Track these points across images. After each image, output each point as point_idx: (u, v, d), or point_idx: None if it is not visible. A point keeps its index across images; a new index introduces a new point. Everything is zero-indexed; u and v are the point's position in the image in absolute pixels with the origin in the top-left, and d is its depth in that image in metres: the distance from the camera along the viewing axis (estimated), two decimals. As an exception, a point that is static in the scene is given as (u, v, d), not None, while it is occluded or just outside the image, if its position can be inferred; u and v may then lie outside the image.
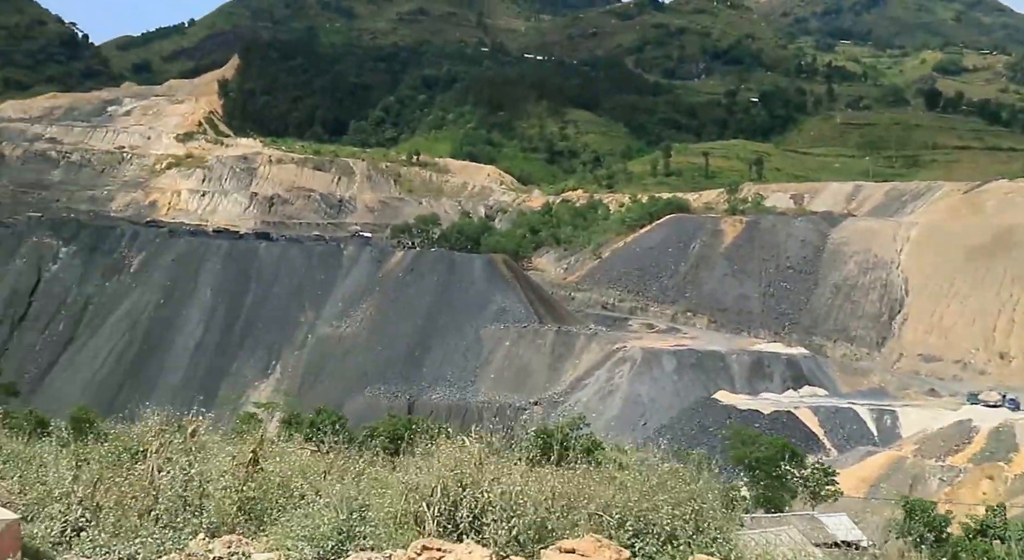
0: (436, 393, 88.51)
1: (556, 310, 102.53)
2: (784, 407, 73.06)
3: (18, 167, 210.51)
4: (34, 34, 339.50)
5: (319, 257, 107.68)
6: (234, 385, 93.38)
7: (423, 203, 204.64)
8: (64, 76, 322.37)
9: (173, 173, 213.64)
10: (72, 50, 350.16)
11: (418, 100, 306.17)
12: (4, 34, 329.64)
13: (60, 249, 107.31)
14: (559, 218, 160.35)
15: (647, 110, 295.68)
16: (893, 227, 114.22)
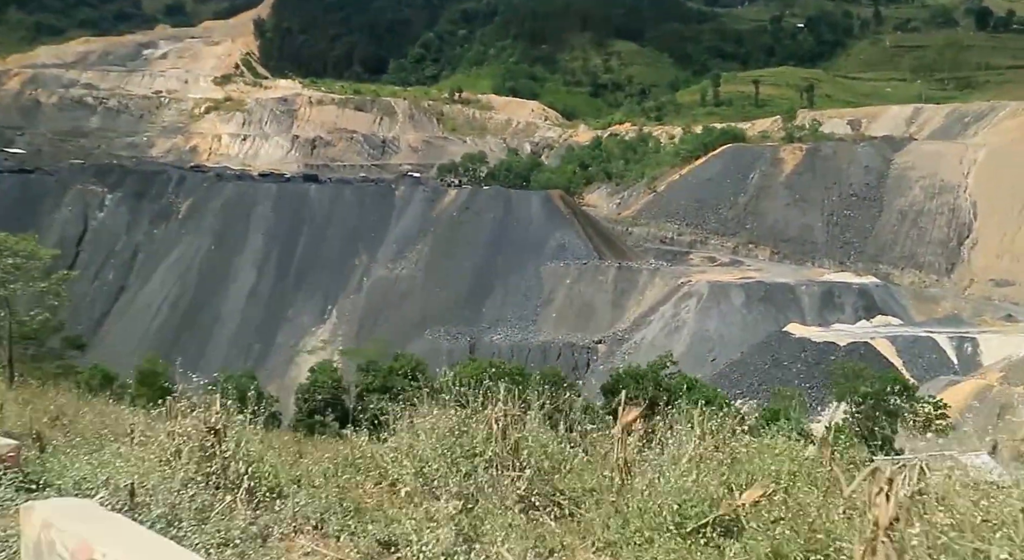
0: (497, 334, 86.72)
1: (616, 246, 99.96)
2: (859, 338, 70.35)
3: (55, 114, 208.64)
4: None
5: (371, 198, 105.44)
6: (291, 331, 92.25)
7: (467, 142, 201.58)
8: (97, 19, 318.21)
9: (212, 117, 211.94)
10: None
11: (458, 35, 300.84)
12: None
13: (106, 196, 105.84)
14: (609, 152, 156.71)
15: (692, 39, 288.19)
16: (959, 150, 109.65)
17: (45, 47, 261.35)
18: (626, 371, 40.27)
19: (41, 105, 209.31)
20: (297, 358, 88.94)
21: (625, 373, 40.04)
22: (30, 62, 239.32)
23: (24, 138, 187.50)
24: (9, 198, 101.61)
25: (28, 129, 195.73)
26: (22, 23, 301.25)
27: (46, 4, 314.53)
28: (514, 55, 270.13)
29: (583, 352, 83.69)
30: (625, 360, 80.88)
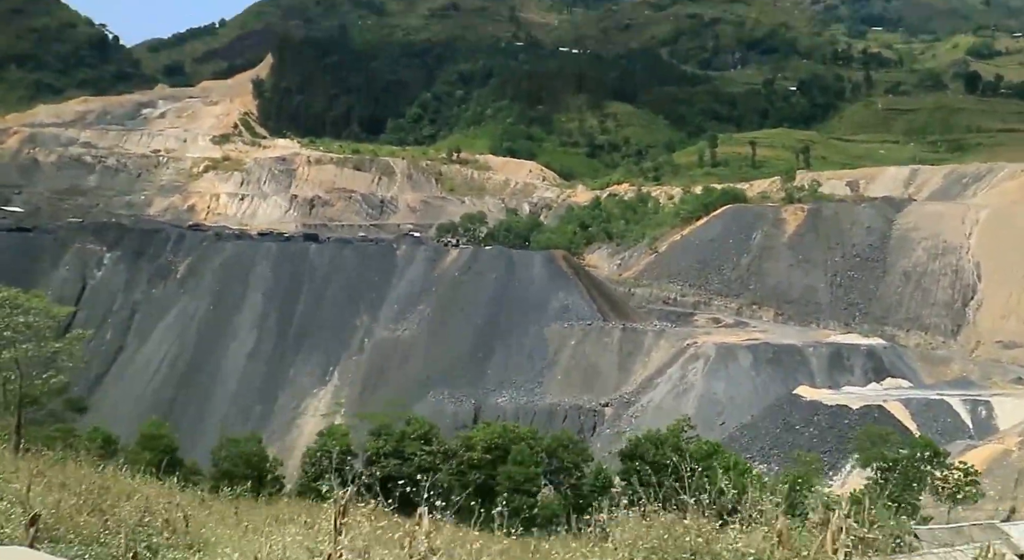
0: (502, 396, 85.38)
1: (620, 307, 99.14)
2: (872, 401, 69.16)
3: (53, 173, 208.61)
4: (64, 37, 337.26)
5: (372, 258, 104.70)
6: (292, 393, 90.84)
7: (466, 202, 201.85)
8: (96, 79, 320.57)
9: (211, 176, 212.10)
10: (103, 53, 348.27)
11: (455, 96, 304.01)
12: (34, 37, 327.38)
13: (104, 255, 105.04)
14: (608, 213, 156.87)
15: (686, 101, 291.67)
16: (961, 210, 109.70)
17: (44, 106, 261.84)
18: (645, 436, 39.16)
19: (39, 164, 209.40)
20: (298, 420, 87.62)
21: (645, 438, 38.92)
22: (29, 121, 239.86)
23: (22, 197, 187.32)
24: (7, 256, 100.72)
25: (26, 188, 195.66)
26: (21, 82, 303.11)
27: (46, 63, 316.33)
28: (511, 116, 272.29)
29: (590, 415, 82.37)
30: (632, 423, 79.61)
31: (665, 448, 37.63)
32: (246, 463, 40.71)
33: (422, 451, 39.88)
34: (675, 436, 39.01)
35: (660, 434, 39.13)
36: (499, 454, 39.70)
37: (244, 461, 40.83)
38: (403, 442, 40.72)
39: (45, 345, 30.64)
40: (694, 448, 38.86)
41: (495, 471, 39.09)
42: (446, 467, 39.55)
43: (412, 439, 40.98)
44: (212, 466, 41.59)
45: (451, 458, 39.87)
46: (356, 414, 45.66)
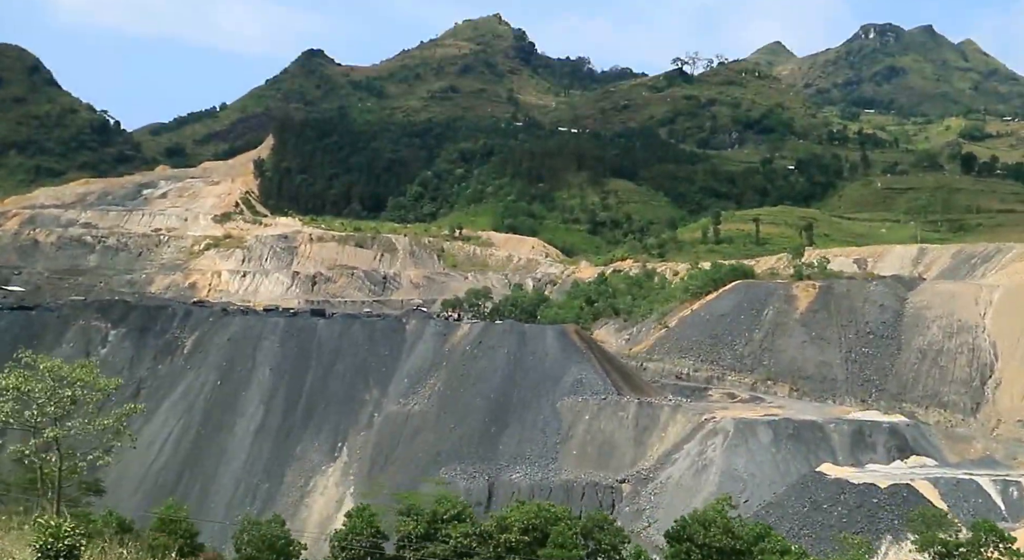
0: (516, 472, 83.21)
1: (633, 381, 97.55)
2: (900, 480, 67.40)
3: (53, 253, 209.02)
4: (66, 122, 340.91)
5: (380, 332, 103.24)
6: (300, 470, 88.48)
7: (469, 278, 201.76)
8: (97, 162, 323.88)
9: (212, 254, 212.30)
10: (104, 136, 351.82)
11: (455, 174, 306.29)
12: (36, 123, 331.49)
13: (109, 332, 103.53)
14: (614, 288, 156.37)
15: (686, 179, 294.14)
16: (974, 290, 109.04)
17: (44, 189, 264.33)
18: (692, 516, 37.41)
19: (39, 244, 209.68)
20: (307, 499, 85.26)
21: (692, 518, 37.19)
22: (29, 203, 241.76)
23: (21, 277, 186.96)
24: (9, 335, 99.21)
25: (25, 268, 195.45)
26: (22, 167, 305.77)
27: (46, 148, 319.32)
28: (512, 193, 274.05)
29: (607, 492, 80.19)
30: (652, 500, 77.54)
31: (714, 529, 35.98)
32: (270, 548, 38.90)
33: (458, 533, 38.15)
34: (723, 517, 37.33)
35: (707, 514, 37.41)
36: (536, 536, 38.08)
37: (268, 545, 39.06)
38: (436, 523, 38.99)
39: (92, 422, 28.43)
40: (745, 530, 37.26)
41: (534, 555, 37.43)
42: (483, 551, 37.78)
43: (445, 520, 39.27)
44: (236, 551, 39.77)
45: (487, 540, 38.10)
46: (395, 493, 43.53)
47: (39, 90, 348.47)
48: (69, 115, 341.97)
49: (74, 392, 27.73)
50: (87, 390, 28.24)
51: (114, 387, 29.59)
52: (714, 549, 35.33)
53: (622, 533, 42.39)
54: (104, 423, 28.45)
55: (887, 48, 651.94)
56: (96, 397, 28.72)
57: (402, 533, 38.66)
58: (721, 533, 35.70)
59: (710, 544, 35.38)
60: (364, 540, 38.03)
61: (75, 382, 27.91)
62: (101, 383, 29.14)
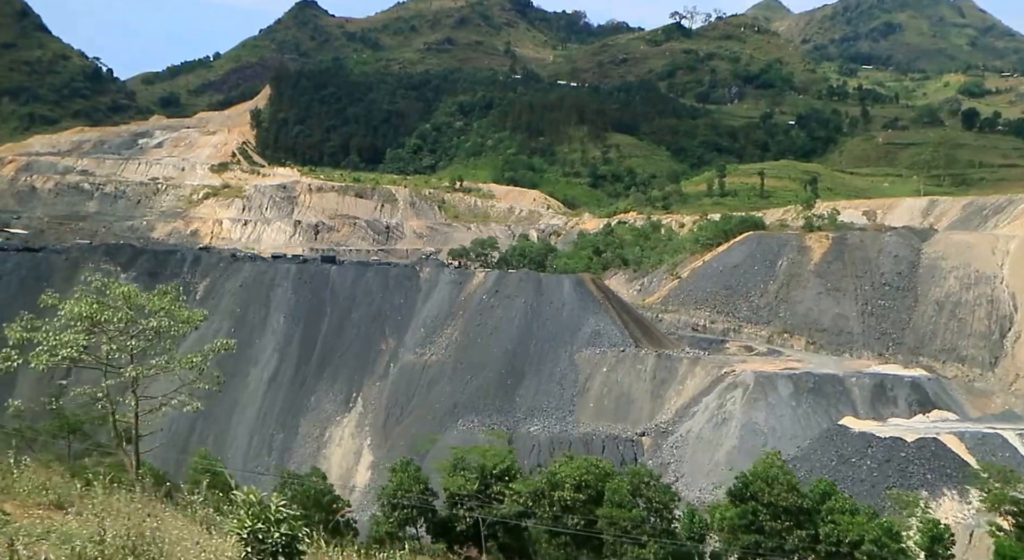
0: (534, 425, 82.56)
1: (651, 333, 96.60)
2: (923, 434, 66.66)
3: (51, 200, 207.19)
4: (58, 69, 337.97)
5: (395, 280, 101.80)
6: (315, 421, 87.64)
7: (471, 229, 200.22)
8: (90, 110, 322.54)
9: (211, 202, 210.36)
10: (97, 85, 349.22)
11: (454, 127, 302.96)
12: (27, 69, 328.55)
13: (119, 276, 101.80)
14: (621, 239, 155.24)
15: (687, 133, 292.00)
16: (990, 240, 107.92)
17: (39, 136, 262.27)
18: (754, 473, 36.03)
19: (37, 191, 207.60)
20: (324, 450, 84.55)
21: (754, 475, 35.85)
22: (24, 150, 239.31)
23: (21, 221, 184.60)
24: (17, 277, 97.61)
25: (24, 214, 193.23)
26: (15, 114, 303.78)
27: (40, 95, 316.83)
28: (512, 146, 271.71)
29: (627, 445, 79.58)
30: (674, 454, 76.88)
31: (777, 487, 34.73)
32: (316, 504, 36.97)
33: (510, 490, 36.72)
34: (784, 473, 36.00)
35: (769, 471, 36.02)
36: (590, 493, 36.63)
37: (314, 502, 37.15)
38: (485, 478, 37.58)
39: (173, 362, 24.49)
40: (811, 488, 36.16)
41: (591, 514, 35.94)
42: (539, 510, 36.34)
43: (492, 476, 37.81)
44: None
45: (540, 499, 36.69)
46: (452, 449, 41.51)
47: (29, 35, 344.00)
48: (61, 61, 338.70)
49: (159, 323, 23.78)
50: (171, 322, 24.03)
51: (201, 319, 25.38)
52: (780, 509, 34.25)
53: (671, 491, 41.01)
54: (193, 360, 24.75)
55: (883, 4, 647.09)
56: (182, 330, 24.64)
57: (451, 490, 37.15)
58: (786, 491, 34.60)
59: (775, 503, 34.30)
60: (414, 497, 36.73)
61: (157, 311, 23.84)
62: (186, 314, 25.08)
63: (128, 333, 23.74)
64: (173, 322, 24.27)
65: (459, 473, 37.38)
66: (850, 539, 32.93)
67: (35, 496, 14.18)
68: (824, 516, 34.31)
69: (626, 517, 34.97)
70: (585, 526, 35.32)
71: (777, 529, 34.23)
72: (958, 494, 56.30)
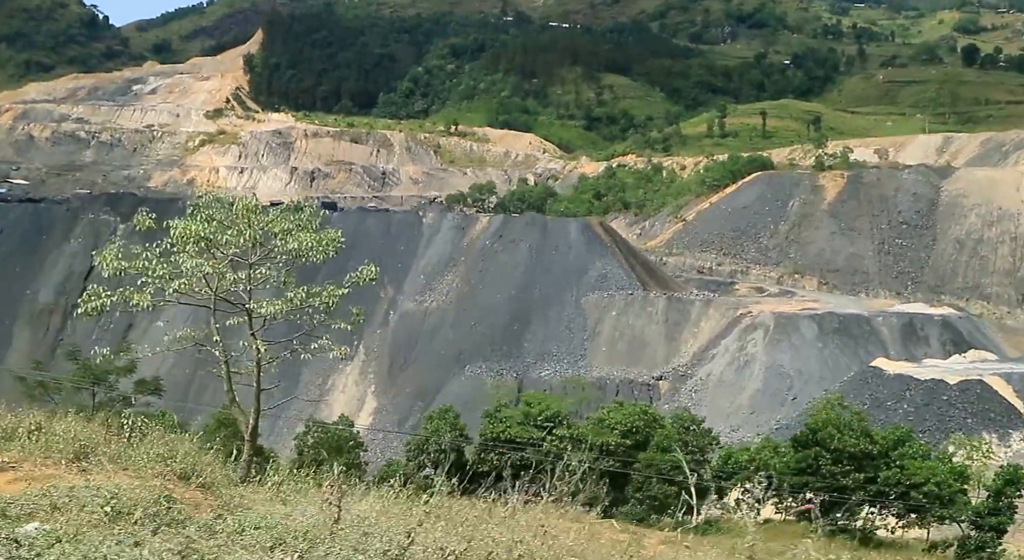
0: (545, 369, 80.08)
1: (658, 276, 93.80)
2: (966, 375, 63.40)
3: (48, 149, 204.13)
4: (55, 16, 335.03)
5: (397, 226, 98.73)
6: (316, 369, 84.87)
7: (467, 173, 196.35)
8: (85, 57, 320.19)
9: (207, 150, 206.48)
10: (92, 31, 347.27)
11: (446, 70, 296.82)
12: (25, 16, 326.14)
13: (118, 226, 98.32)
14: (622, 182, 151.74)
15: (681, 74, 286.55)
16: (1014, 176, 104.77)
17: (35, 84, 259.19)
18: (825, 420, 33.33)
19: (34, 140, 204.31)
20: (327, 397, 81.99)
21: (825, 422, 33.12)
22: (20, 98, 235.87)
23: (20, 172, 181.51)
24: (19, 228, 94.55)
25: (23, 164, 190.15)
26: (11, 61, 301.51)
27: (35, 42, 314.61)
28: (505, 89, 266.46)
29: (643, 389, 77.14)
30: (693, 398, 74.44)
31: (848, 434, 32.10)
32: (338, 450, 35.07)
33: (552, 436, 34.14)
34: (860, 420, 33.45)
35: (840, 416, 33.47)
36: (638, 439, 34.51)
37: (336, 448, 35.31)
38: (525, 426, 34.93)
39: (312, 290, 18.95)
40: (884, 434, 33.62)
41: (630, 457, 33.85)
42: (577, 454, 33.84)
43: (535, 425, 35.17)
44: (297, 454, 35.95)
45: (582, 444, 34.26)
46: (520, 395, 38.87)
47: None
48: (59, 8, 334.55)
49: (299, 245, 17.82)
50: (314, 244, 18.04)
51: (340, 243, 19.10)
52: (846, 454, 31.60)
53: (711, 434, 38.96)
54: (338, 292, 19.06)
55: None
56: (324, 254, 18.76)
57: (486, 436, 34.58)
58: (858, 437, 31.94)
59: (842, 449, 31.63)
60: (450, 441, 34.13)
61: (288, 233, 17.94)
62: (330, 233, 19.07)
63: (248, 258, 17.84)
64: (317, 244, 18.09)
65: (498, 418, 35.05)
66: (912, 481, 30.68)
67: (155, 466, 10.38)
68: (894, 461, 31.84)
69: (666, 460, 33.10)
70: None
71: (834, 472, 31.82)
72: (998, 438, 53.69)
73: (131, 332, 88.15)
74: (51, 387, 36.19)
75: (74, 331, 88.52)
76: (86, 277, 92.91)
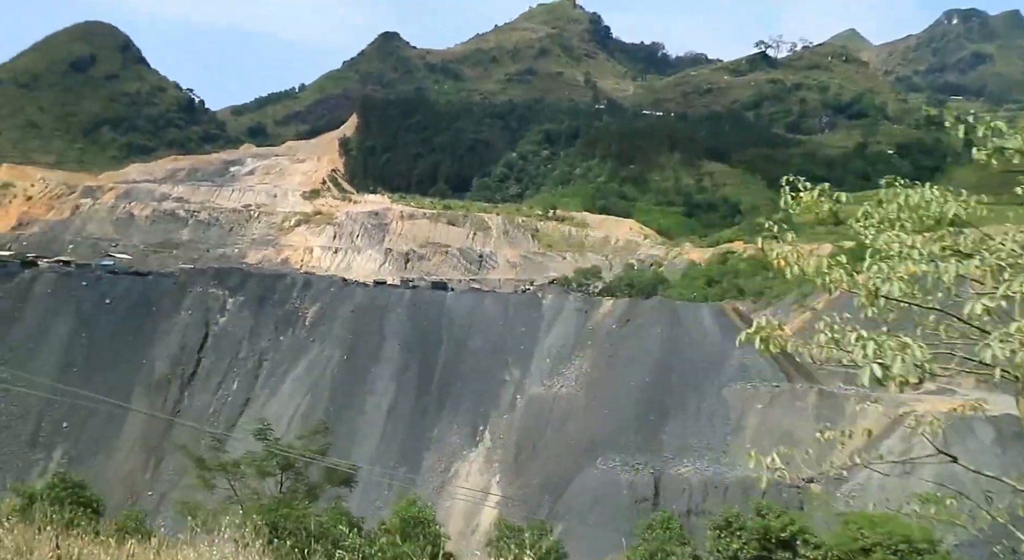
0: (684, 465, 73.92)
1: (803, 367, 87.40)
2: None
3: (147, 227, 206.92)
4: (155, 100, 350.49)
5: (515, 307, 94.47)
6: (439, 454, 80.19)
7: (566, 258, 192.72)
8: (184, 140, 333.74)
9: (302, 230, 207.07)
10: (190, 115, 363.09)
11: (541, 155, 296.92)
12: (127, 101, 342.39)
13: (227, 300, 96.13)
14: (735, 269, 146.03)
15: (782, 162, 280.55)
16: None
17: (136, 165, 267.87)
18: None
19: (134, 218, 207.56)
20: (449, 486, 76.89)
21: None
22: (122, 178, 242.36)
23: (118, 248, 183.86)
24: (128, 300, 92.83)
25: (121, 241, 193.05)
26: (114, 143, 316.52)
27: (136, 125, 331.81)
28: (602, 175, 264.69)
29: (791, 492, 70.37)
30: (850, 505, 67.48)
31: None
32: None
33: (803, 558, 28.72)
34: None
35: None
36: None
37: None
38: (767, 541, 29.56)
39: None
40: None
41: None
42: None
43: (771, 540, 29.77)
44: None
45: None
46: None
47: (129, 68, 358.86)
48: (158, 93, 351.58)
49: None
50: None
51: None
52: None
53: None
54: None
55: (971, 35, 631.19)
56: None
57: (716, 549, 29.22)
58: None
59: None
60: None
61: None
62: None
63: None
64: None
65: (732, 533, 29.57)
66: None
67: None
68: None
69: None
70: None
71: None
72: None
73: (249, 407, 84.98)
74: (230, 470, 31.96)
75: (191, 404, 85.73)
76: (200, 349, 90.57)
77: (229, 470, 31.17)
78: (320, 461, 34.58)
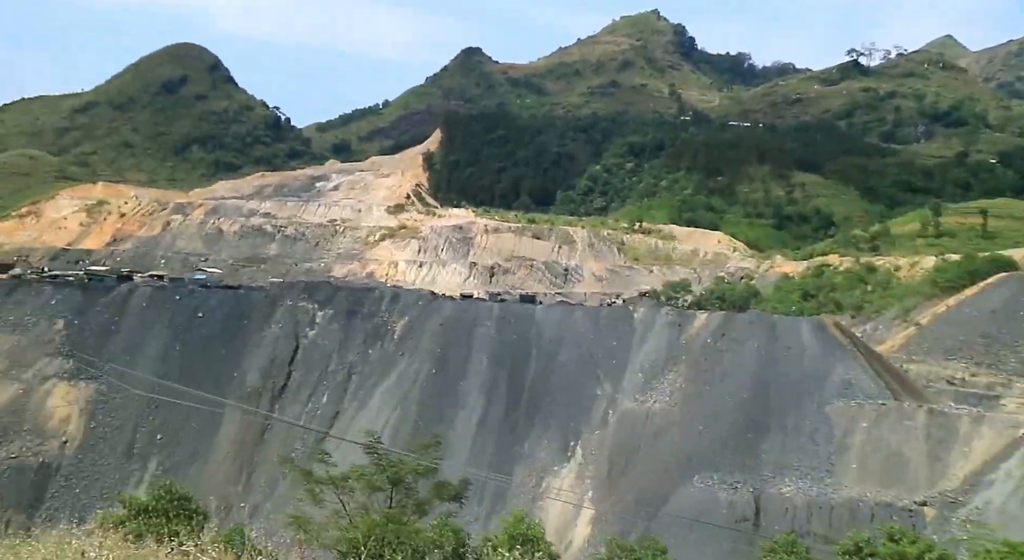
0: (786, 485, 70.69)
1: (909, 385, 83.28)
2: None
3: (235, 242, 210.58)
4: (242, 119, 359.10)
5: (606, 321, 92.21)
6: (530, 469, 78.37)
7: (653, 271, 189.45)
8: (270, 157, 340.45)
9: (387, 244, 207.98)
10: (276, 132, 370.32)
11: (626, 168, 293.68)
12: (214, 120, 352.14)
13: (316, 313, 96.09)
14: (831, 282, 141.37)
15: (877, 172, 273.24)
16: None
17: (224, 182, 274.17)
18: None
19: (223, 233, 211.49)
20: (540, 501, 75.02)
21: None
22: (211, 195, 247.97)
23: (208, 263, 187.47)
24: (221, 313, 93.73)
25: (211, 256, 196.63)
26: (203, 161, 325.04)
27: (224, 143, 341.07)
28: (688, 187, 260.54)
29: (903, 515, 66.62)
30: (967, 530, 63.63)
31: None
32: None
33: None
34: None
35: None
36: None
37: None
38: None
39: None
40: None
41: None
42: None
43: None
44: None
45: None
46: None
47: (218, 87, 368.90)
48: (245, 111, 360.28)
49: None
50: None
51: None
52: None
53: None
54: None
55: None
56: None
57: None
58: None
59: None
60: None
61: None
62: None
63: None
64: None
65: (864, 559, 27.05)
66: None
67: None
68: None
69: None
70: None
71: None
72: None
73: (338, 420, 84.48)
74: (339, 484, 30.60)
75: (283, 414, 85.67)
76: (290, 361, 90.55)
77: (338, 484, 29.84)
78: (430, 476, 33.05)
